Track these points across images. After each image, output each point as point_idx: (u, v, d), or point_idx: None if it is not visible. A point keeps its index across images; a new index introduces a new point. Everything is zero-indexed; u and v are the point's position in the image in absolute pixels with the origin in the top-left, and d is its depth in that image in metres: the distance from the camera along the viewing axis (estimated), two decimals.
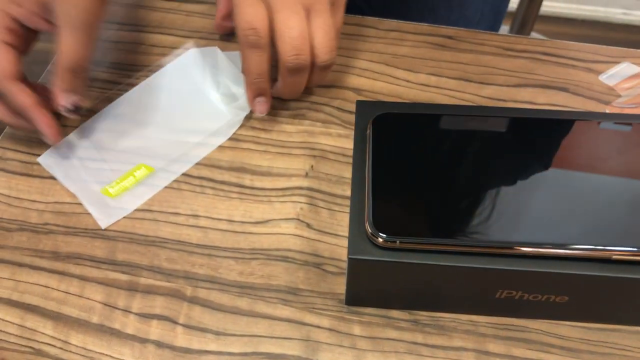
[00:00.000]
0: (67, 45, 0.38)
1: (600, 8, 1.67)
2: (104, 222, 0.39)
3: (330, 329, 0.35)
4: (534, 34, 1.61)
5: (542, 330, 0.34)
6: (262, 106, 0.42)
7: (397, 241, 0.30)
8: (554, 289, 0.31)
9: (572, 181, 0.32)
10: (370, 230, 0.30)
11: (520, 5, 1.19)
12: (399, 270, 0.31)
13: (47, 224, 0.39)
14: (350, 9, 0.56)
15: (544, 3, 1.32)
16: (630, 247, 0.29)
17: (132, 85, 0.46)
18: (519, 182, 0.32)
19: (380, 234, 0.30)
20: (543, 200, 0.31)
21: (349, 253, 0.31)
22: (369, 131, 0.34)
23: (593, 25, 1.69)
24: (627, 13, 1.67)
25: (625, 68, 0.46)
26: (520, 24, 1.36)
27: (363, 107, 0.37)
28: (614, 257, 0.29)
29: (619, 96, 0.44)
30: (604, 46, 0.48)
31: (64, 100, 0.39)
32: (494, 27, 0.69)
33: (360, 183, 0.33)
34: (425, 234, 0.30)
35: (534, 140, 0.34)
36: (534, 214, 0.30)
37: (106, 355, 0.34)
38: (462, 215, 0.31)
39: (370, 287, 0.33)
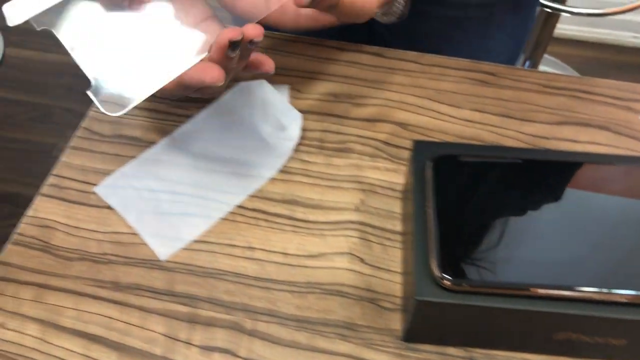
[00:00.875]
0: None
1: (611, 31, 1.69)
2: (162, 253, 0.40)
3: None
4: (546, 56, 1.63)
5: None
6: None
7: (464, 284, 0.31)
8: (613, 332, 0.32)
9: (637, 226, 0.33)
10: (437, 273, 0.31)
11: (534, 28, 1.21)
12: (463, 312, 0.32)
13: (106, 254, 0.40)
14: (375, 40, 0.57)
15: (558, 26, 1.34)
16: None
17: (184, 116, 0.47)
18: (583, 227, 0.33)
19: (448, 276, 0.31)
20: (607, 245, 0.32)
21: (415, 295, 0.31)
22: (430, 171, 0.35)
23: (603, 48, 1.71)
24: (637, 37, 1.69)
25: None
26: (534, 46, 1.38)
27: (420, 147, 0.38)
28: None
29: None
30: None
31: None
32: (514, 56, 0.70)
33: (421, 223, 0.34)
34: (491, 278, 0.31)
35: (596, 185, 0.35)
36: (597, 258, 0.31)
37: None
38: (526, 258, 0.32)
39: (430, 326, 0.34)
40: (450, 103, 0.48)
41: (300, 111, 0.46)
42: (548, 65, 1.65)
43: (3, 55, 1.71)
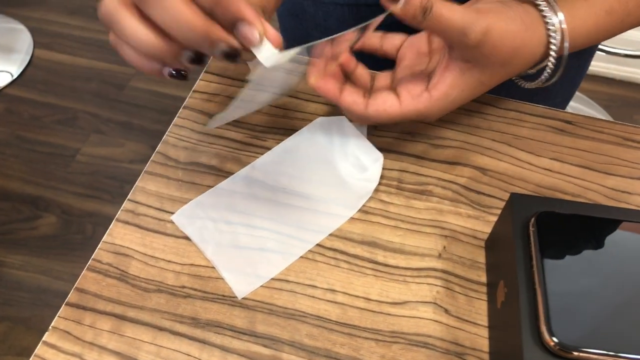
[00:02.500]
0: None
1: (638, 70, 1.70)
2: (240, 291, 0.39)
3: None
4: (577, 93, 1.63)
5: None
6: None
7: (573, 350, 0.30)
8: None
9: None
10: (547, 336, 0.30)
11: None
12: None
13: (184, 287, 0.39)
14: None
15: (592, 63, 1.34)
16: None
17: (260, 147, 0.46)
18: None
19: (557, 341, 0.30)
20: None
21: (522, 356, 0.30)
22: (532, 228, 0.35)
23: (631, 87, 1.71)
24: None
25: None
26: None
27: (518, 201, 0.37)
28: None
29: None
30: None
31: None
32: (568, 99, 0.70)
33: (526, 280, 0.33)
34: (603, 346, 0.30)
35: None
36: None
37: None
38: (634, 328, 0.31)
39: None
40: (529, 150, 0.48)
41: (378, 149, 0.45)
42: (575, 101, 1.65)
43: (32, 57, 1.71)
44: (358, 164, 0.45)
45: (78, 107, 1.62)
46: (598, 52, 1.24)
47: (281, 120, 0.48)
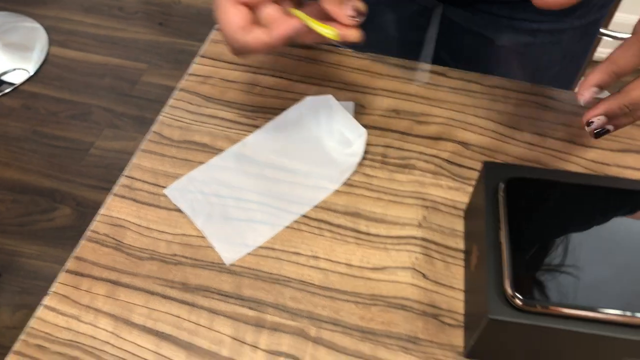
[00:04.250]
0: None
1: None
2: (228, 258, 0.41)
3: None
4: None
5: None
6: None
7: (537, 305, 0.31)
8: None
9: None
10: (510, 292, 0.32)
11: None
12: (531, 332, 0.32)
13: (175, 255, 0.41)
14: (435, 61, 0.58)
15: (598, 49, 1.33)
16: None
17: (250, 126, 0.48)
18: None
19: (521, 296, 0.31)
20: None
21: (488, 313, 0.32)
22: (502, 193, 0.36)
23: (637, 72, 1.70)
24: None
25: None
26: None
27: (490, 169, 0.38)
28: None
29: None
30: None
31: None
32: (572, 82, 0.70)
33: (494, 243, 0.35)
34: (563, 299, 0.31)
35: None
36: None
37: None
38: (598, 284, 0.32)
39: (495, 344, 0.35)
40: (512, 125, 0.49)
41: (364, 126, 0.47)
42: None
43: (47, 54, 1.75)
44: (343, 140, 0.47)
45: (92, 103, 1.66)
46: (605, 38, 1.23)
47: (270, 100, 0.50)
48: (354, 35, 0.38)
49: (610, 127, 0.38)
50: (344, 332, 0.38)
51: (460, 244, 0.42)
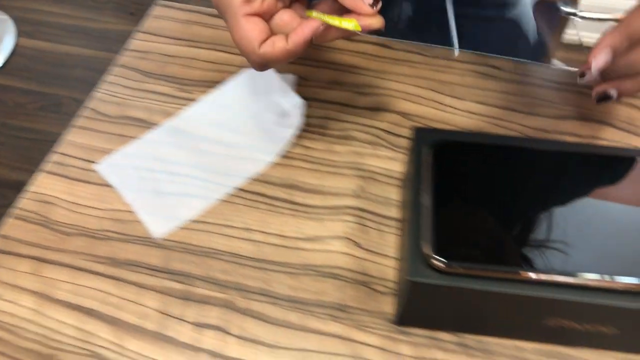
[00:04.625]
0: None
1: None
2: (156, 232, 0.40)
3: (378, 347, 0.36)
4: (554, 61, 1.62)
5: None
6: None
7: (455, 266, 0.31)
8: (603, 320, 0.32)
9: (628, 214, 0.33)
10: (430, 255, 0.31)
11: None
12: (455, 295, 0.32)
13: (104, 230, 0.40)
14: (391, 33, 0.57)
15: (567, 31, 1.33)
16: None
17: (188, 100, 0.47)
18: (577, 213, 0.33)
19: (441, 258, 0.31)
20: (599, 232, 0.32)
21: (407, 275, 0.32)
22: (429, 157, 0.36)
23: None
24: None
25: None
26: None
27: (420, 134, 0.38)
28: None
29: None
30: None
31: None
32: (539, 58, 0.69)
33: (417, 207, 0.34)
34: (485, 261, 0.31)
35: (591, 173, 0.35)
36: (590, 244, 0.31)
37: None
38: (520, 243, 0.32)
39: (422, 309, 0.34)
40: (454, 95, 0.48)
41: (305, 98, 0.46)
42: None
43: (15, 45, 1.72)
44: (280, 112, 0.46)
45: (63, 94, 1.64)
46: (575, 19, 1.23)
47: (210, 74, 0.49)
48: (377, 22, 0.36)
49: (613, 92, 0.38)
50: (273, 303, 0.37)
51: (396, 213, 0.41)
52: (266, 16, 0.37)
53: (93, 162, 0.44)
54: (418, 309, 0.34)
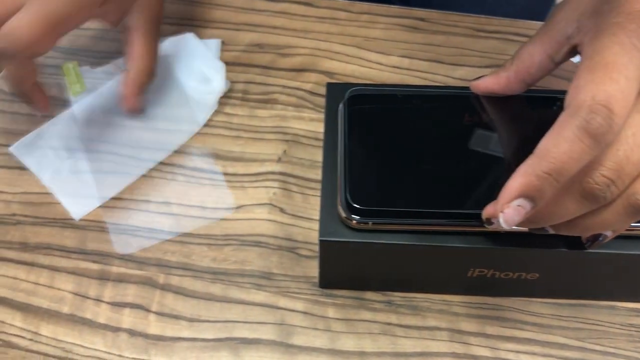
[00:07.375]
0: (144, 51, 0.40)
1: None
2: (76, 212, 0.38)
3: (304, 312, 0.35)
4: None
5: (514, 308, 0.35)
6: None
7: (370, 222, 0.30)
8: (524, 266, 0.31)
9: None
10: (342, 213, 0.30)
11: None
12: (372, 252, 0.31)
13: (14, 214, 0.38)
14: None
15: None
16: None
17: (107, 74, 0.45)
18: (490, 161, 0.32)
19: (353, 215, 0.30)
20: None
21: (319, 235, 0.30)
22: (341, 113, 0.34)
23: None
24: None
25: None
26: None
27: (333, 90, 0.36)
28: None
29: None
30: None
31: (138, 103, 0.41)
32: (531, 6, 0.64)
33: (331, 165, 0.33)
34: (398, 215, 0.30)
35: (504, 117, 0.34)
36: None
37: (78, 345, 0.33)
38: (432, 195, 0.31)
39: (343, 270, 0.33)
40: (379, 50, 0.47)
41: (226, 63, 0.44)
42: None
43: None
44: (202, 78, 0.44)
45: None
46: None
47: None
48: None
49: (608, 233, 0.28)
50: (194, 276, 0.36)
51: (320, 175, 0.40)
52: None
53: (1, 145, 0.42)
54: (339, 270, 0.33)
